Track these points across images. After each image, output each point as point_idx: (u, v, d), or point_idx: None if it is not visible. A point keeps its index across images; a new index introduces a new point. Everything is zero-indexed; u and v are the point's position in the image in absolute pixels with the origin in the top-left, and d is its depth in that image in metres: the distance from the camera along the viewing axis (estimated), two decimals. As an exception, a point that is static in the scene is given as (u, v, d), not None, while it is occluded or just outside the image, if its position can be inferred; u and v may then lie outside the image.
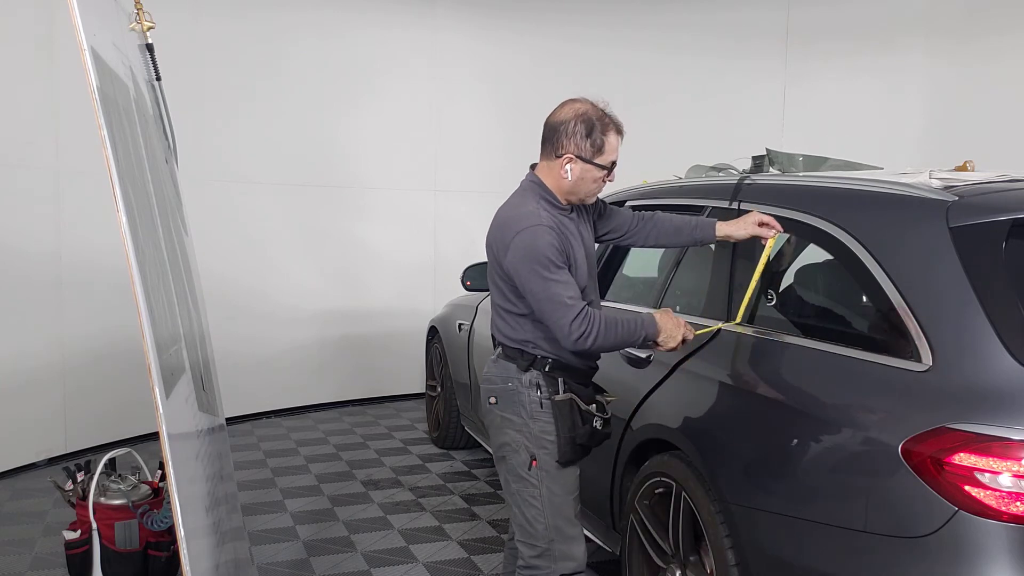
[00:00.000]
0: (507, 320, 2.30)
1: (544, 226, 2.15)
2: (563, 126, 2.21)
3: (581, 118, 2.20)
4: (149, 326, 1.59)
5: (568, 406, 2.23)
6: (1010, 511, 1.61)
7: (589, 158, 2.21)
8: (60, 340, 4.65)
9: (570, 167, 2.21)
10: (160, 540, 2.90)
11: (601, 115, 2.21)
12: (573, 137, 2.20)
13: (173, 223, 2.49)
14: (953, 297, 1.83)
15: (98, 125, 1.56)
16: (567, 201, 2.29)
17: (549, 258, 2.11)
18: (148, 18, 2.42)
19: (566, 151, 2.21)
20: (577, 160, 2.21)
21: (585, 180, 2.24)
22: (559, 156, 2.22)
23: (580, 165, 2.21)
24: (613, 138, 2.22)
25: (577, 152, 2.20)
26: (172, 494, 1.61)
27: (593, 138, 2.19)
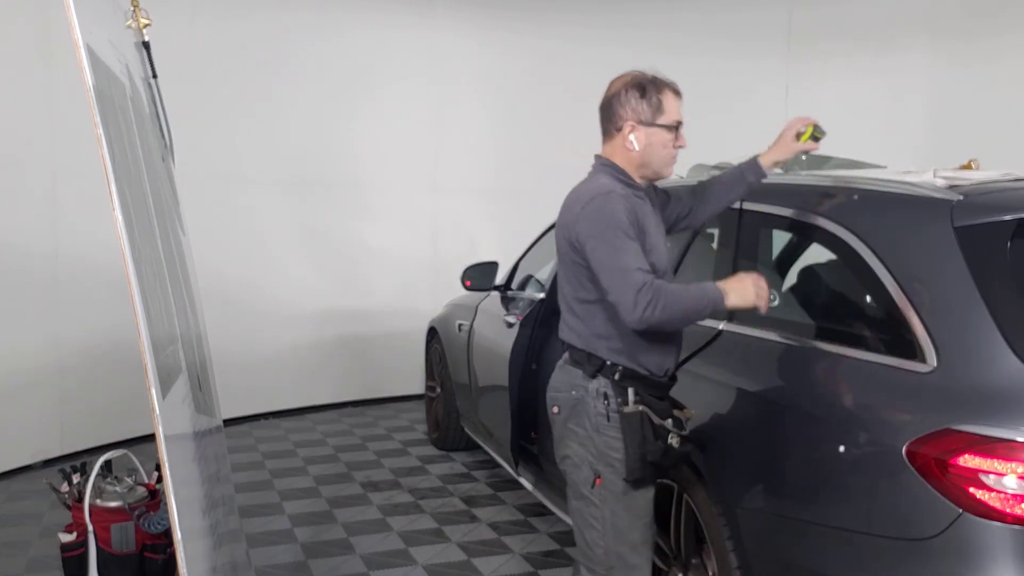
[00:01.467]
0: (576, 312, 2.10)
1: (617, 194, 2.01)
2: (615, 98, 2.09)
3: (631, 84, 2.09)
4: (145, 326, 1.58)
5: (639, 419, 1.99)
6: (1015, 513, 1.59)
7: (650, 120, 2.07)
8: (56, 340, 4.64)
9: (634, 136, 2.07)
10: (157, 542, 2.88)
11: (652, 78, 2.10)
12: (628, 103, 2.07)
13: (170, 222, 2.48)
14: (958, 297, 1.82)
15: (94, 123, 1.55)
16: (642, 178, 2.13)
17: (619, 225, 1.95)
18: (144, 15, 2.41)
19: (625, 120, 2.07)
20: (639, 126, 2.07)
21: (654, 147, 2.08)
22: (620, 129, 2.08)
23: (643, 130, 2.07)
24: (671, 98, 2.10)
25: (636, 117, 2.07)
26: (169, 496, 1.59)
27: (649, 98, 2.06)
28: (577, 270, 2.06)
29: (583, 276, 2.05)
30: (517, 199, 6.45)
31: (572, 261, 2.07)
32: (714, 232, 2.76)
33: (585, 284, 2.05)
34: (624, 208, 1.98)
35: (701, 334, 2.45)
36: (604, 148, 2.15)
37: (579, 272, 2.06)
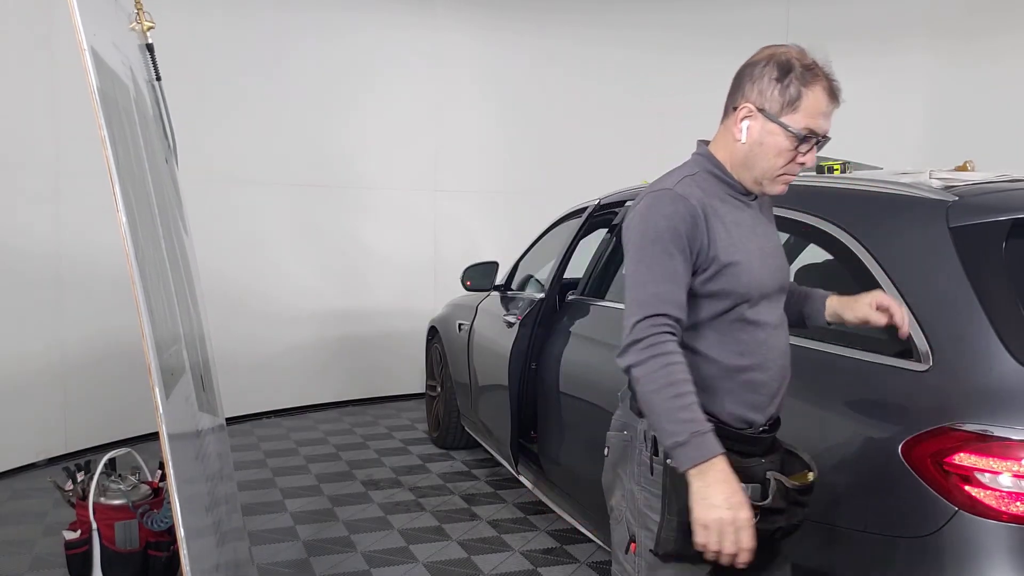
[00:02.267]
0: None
1: (675, 192, 1.55)
2: (749, 69, 1.58)
3: (776, 59, 1.55)
4: (149, 326, 1.59)
5: (686, 480, 1.46)
6: (1010, 511, 1.60)
7: (775, 113, 1.54)
8: (60, 340, 4.65)
9: (746, 124, 1.57)
10: (160, 540, 2.90)
11: (808, 63, 1.55)
12: (759, 81, 1.55)
13: (173, 223, 2.49)
14: (953, 297, 1.83)
15: (98, 125, 1.56)
16: (740, 180, 1.62)
17: (657, 234, 1.51)
18: (148, 18, 2.42)
19: (746, 99, 1.57)
20: (757, 114, 1.56)
21: (765, 148, 1.56)
22: (735, 109, 1.59)
23: (760, 121, 1.55)
24: (819, 96, 1.55)
25: (759, 102, 1.55)
26: (172, 494, 1.61)
27: (786, 85, 1.53)
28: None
29: None
30: (517, 199, 6.47)
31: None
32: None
33: None
34: (675, 212, 1.52)
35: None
36: (718, 129, 1.67)
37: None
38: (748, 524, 1.42)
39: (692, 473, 1.42)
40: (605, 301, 3.29)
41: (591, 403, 2.97)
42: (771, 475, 1.54)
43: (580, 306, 3.39)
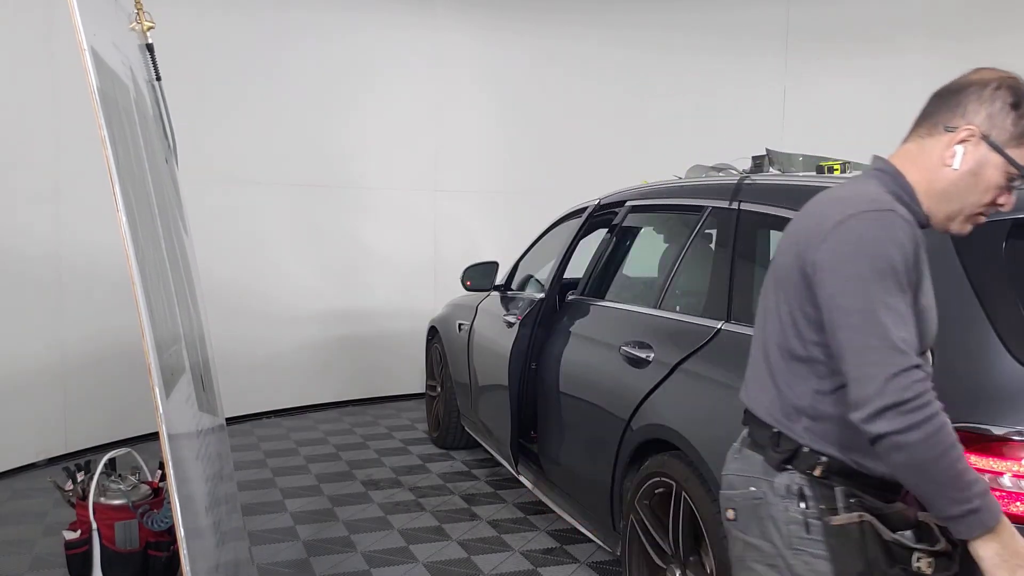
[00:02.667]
0: (775, 369, 1.47)
1: (899, 216, 1.35)
2: (974, 89, 1.42)
3: (1007, 84, 1.40)
4: (149, 326, 1.59)
5: (859, 533, 1.34)
6: (1010, 511, 1.60)
7: (1002, 143, 1.37)
8: (60, 340, 4.65)
9: (962, 148, 1.39)
10: (160, 540, 2.90)
11: None
12: (988, 104, 1.39)
13: (173, 223, 2.49)
14: (953, 297, 1.83)
15: (98, 125, 1.56)
16: (928, 213, 1.45)
17: (893, 265, 1.30)
18: (148, 18, 2.42)
19: (969, 121, 1.40)
20: (981, 141, 1.38)
21: (978, 180, 1.39)
22: (950, 131, 1.41)
23: (983, 150, 1.38)
24: None
25: (987, 127, 1.38)
26: (172, 494, 1.61)
27: (1021, 114, 1.37)
28: (801, 306, 1.41)
29: (806, 319, 1.40)
30: (517, 199, 6.48)
31: (798, 293, 1.41)
32: (712, 232, 2.78)
33: (804, 333, 1.41)
34: (906, 240, 1.33)
35: (700, 333, 2.46)
36: (904, 146, 1.50)
37: (803, 311, 1.41)
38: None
39: (985, 537, 1.26)
40: (605, 301, 3.29)
41: (591, 403, 2.98)
42: (922, 516, 1.40)
43: (580, 306, 3.39)
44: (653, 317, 2.81)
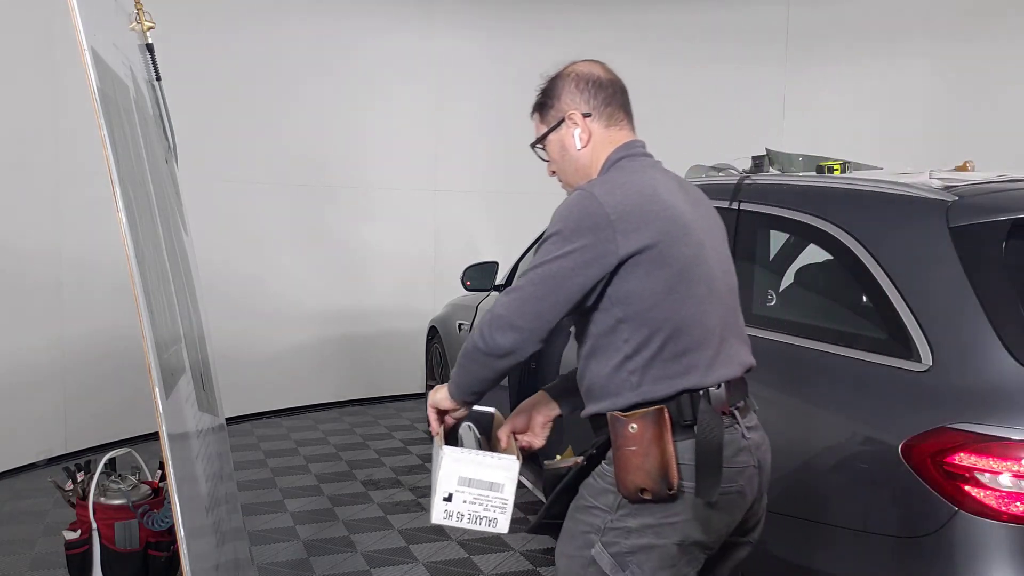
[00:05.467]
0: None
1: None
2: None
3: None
4: (149, 326, 1.59)
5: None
6: (1010, 511, 1.61)
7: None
8: (60, 340, 4.65)
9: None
10: (160, 540, 2.90)
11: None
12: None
13: (173, 223, 2.49)
14: (953, 297, 1.83)
15: (98, 125, 1.56)
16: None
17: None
18: (148, 18, 2.42)
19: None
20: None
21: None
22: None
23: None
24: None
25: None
26: (172, 494, 1.61)
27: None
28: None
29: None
30: (517, 199, 6.47)
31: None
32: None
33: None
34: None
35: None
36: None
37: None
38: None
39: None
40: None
41: (591, 403, 2.97)
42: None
43: (580, 306, 3.39)
44: (653, 317, 2.80)
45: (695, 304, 1.53)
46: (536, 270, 1.54)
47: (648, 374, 1.51)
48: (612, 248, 1.49)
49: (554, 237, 1.55)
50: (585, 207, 1.54)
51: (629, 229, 1.50)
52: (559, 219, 1.58)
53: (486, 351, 1.55)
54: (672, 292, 1.51)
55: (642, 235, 1.50)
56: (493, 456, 1.65)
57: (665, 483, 1.46)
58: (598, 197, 1.54)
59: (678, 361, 1.51)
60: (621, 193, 1.55)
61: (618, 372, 1.54)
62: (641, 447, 1.48)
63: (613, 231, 1.50)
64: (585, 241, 1.50)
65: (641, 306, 1.51)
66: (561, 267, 1.51)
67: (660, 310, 1.51)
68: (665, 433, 1.47)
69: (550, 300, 1.51)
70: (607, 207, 1.51)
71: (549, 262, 1.52)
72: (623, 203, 1.52)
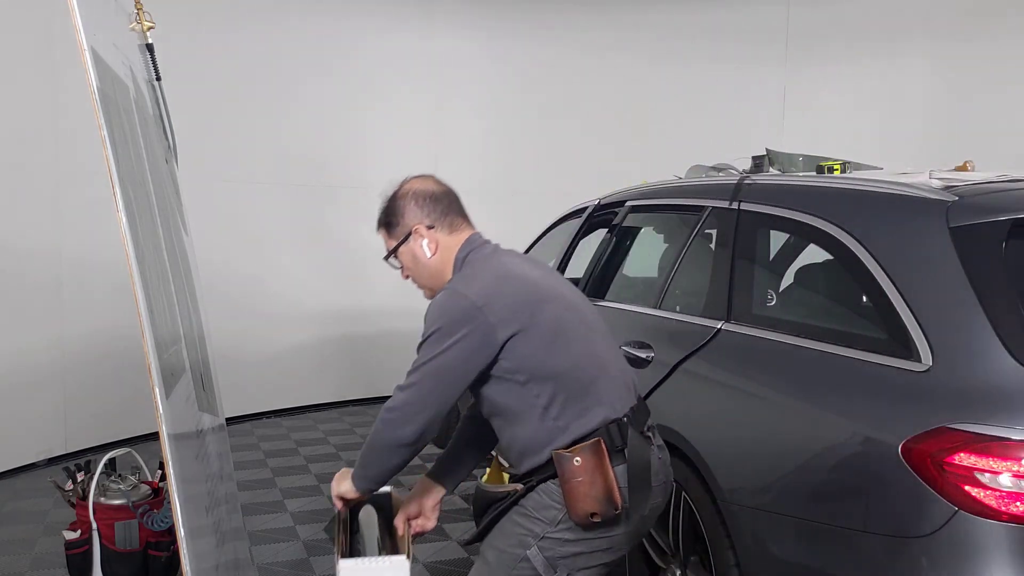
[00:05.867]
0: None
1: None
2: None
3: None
4: (149, 326, 1.59)
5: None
6: (1010, 511, 1.61)
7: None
8: (60, 340, 4.65)
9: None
10: (160, 540, 2.90)
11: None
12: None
13: (173, 223, 2.49)
14: (953, 297, 1.83)
15: (98, 125, 1.56)
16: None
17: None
18: (148, 18, 2.42)
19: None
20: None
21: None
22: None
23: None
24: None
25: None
26: (172, 494, 1.61)
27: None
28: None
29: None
30: (517, 200, 6.47)
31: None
32: (712, 232, 2.78)
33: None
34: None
35: (700, 333, 2.47)
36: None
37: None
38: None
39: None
40: (605, 301, 3.29)
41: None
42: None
43: (580, 306, 3.39)
44: (653, 317, 2.81)
45: (580, 344, 1.77)
46: (425, 367, 1.75)
47: (569, 415, 1.72)
48: (492, 333, 1.70)
49: (435, 335, 1.76)
50: (455, 303, 1.75)
51: (501, 314, 1.71)
52: (435, 319, 1.79)
53: (394, 443, 1.76)
54: (556, 342, 1.73)
55: (513, 319, 1.71)
56: (384, 560, 1.88)
57: (611, 505, 1.66)
58: (462, 291, 1.76)
59: (587, 396, 1.73)
60: (479, 282, 1.77)
61: (543, 424, 1.73)
62: (587, 477, 1.66)
63: (485, 317, 1.70)
64: (464, 331, 1.71)
65: (537, 363, 1.71)
66: (447, 359, 1.72)
67: (554, 360, 1.72)
68: (604, 460, 1.67)
69: (440, 392, 1.74)
70: (472, 297, 1.73)
71: (435, 357, 1.74)
72: (484, 290, 1.74)
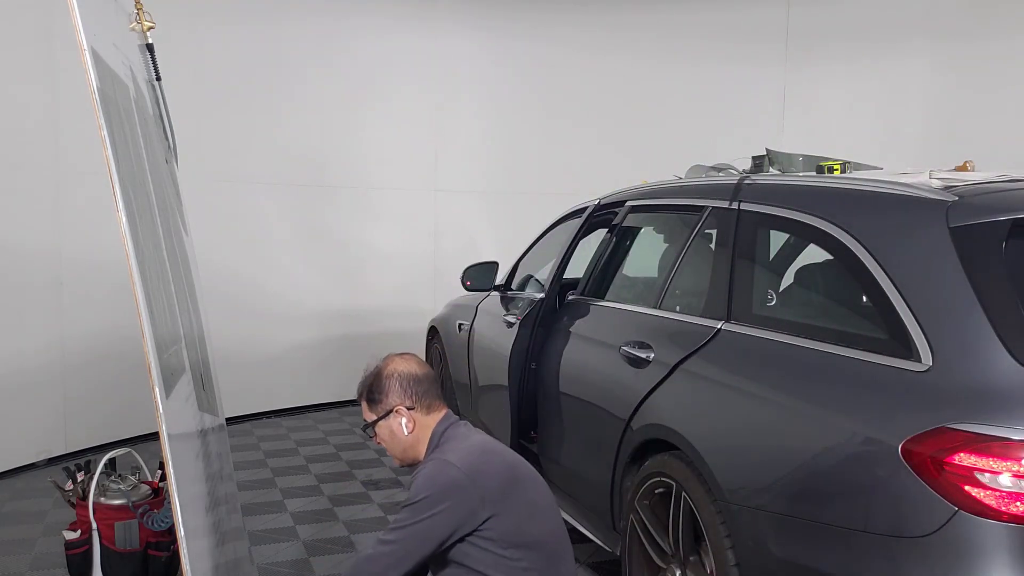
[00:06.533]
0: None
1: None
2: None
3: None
4: (149, 326, 1.59)
5: None
6: (1010, 511, 1.61)
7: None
8: (60, 340, 4.65)
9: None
10: (160, 540, 2.90)
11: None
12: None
13: (173, 223, 2.49)
14: (953, 297, 1.83)
15: (98, 125, 1.56)
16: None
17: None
18: (148, 18, 2.42)
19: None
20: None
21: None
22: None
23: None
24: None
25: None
26: (172, 494, 1.61)
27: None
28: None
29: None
30: (517, 200, 6.48)
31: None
32: (712, 232, 2.78)
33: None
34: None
35: (700, 333, 2.47)
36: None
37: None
38: None
39: None
40: (605, 301, 3.29)
41: (591, 403, 2.98)
42: None
43: (580, 306, 3.39)
44: (653, 317, 2.81)
45: (550, 520, 2.12)
46: (407, 528, 1.95)
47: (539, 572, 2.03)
48: (476, 511, 1.95)
49: (423, 502, 1.95)
50: (445, 474, 1.97)
51: (486, 491, 1.96)
52: (424, 487, 1.97)
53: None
54: (533, 517, 2.05)
55: (498, 498, 1.98)
56: None
57: None
58: (453, 463, 1.98)
59: (560, 567, 2.07)
60: (467, 455, 2.01)
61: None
62: None
63: (472, 492, 1.95)
64: (449, 503, 1.94)
65: (516, 534, 1.99)
66: (430, 526, 1.94)
67: (531, 531, 2.02)
68: None
69: (417, 554, 1.96)
70: (463, 470, 1.96)
71: (419, 522, 1.94)
72: (472, 463, 1.99)
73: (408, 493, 2.01)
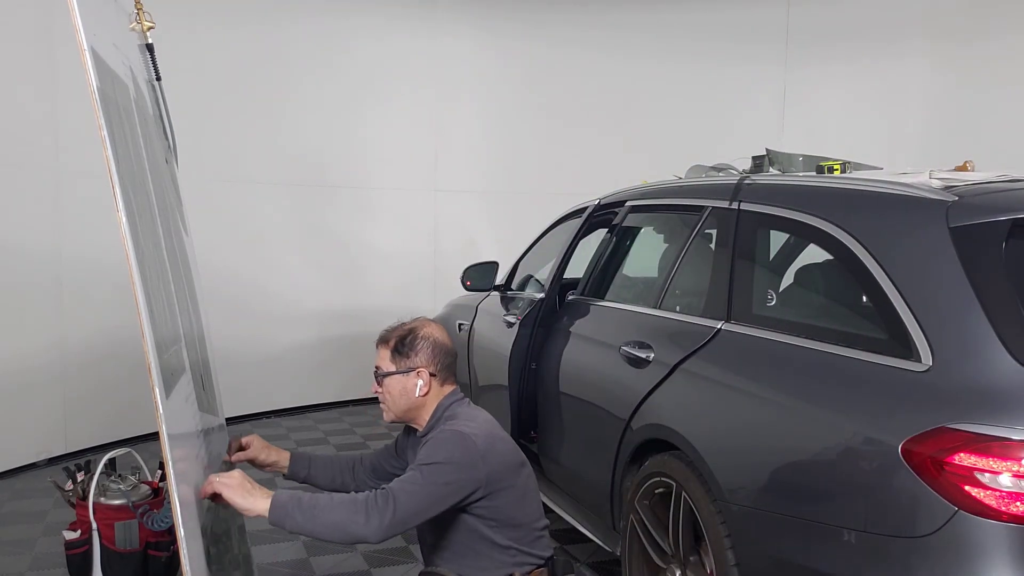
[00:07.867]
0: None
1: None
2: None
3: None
4: (149, 326, 1.59)
5: None
6: (1010, 511, 1.61)
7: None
8: (60, 340, 4.65)
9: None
10: (160, 540, 2.90)
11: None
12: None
13: (173, 223, 2.49)
14: (953, 297, 1.83)
15: (98, 125, 1.56)
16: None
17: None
18: (148, 18, 2.42)
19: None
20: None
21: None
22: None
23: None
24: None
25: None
26: (172, 494, 1.61)
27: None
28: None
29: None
30: (517, 199, 6.48)
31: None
32: (712, 232, 2.78)
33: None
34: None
35: (700, 333, 2.47)
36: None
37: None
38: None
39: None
40: (605, 301, 3.29)
41: (591, 403, 2.98)
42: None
43: (580, 306, 3.39)
44: (653, 317, 2.81)
45: (537, 503, 2.22)
46: (425, 489, 1.97)
47: (522, 556, 2.16)
48: (483, 485, 2.03)
49: (444, 467, 1.99)
50: (466, 446, 2.02)
51: (493, 469, 2.04)
52: (447, 452, 2.02)
53: (351, 521, 1.90)
54: (525, 498, 2.15)
55: (503, 477, 2.07)
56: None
57: None
58: (470, 435, 2.04)
59: (538, 544, 2.21)
60: (484, 433, 2.09)
61: (499, 558, 2.13)
62: None
63: (482, 468, 2.02)
64: (464, 476, 2.01)
65: (509, 514, 2.10)
66: (444, 492, 1.99)
67: (522, 513, 2.13)
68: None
69: (422, 512, 1.97)
70: (478, 442, 2.04)
71: (439, 486, 1.98)
72: (489, 442, 2.07)
73: (423, 455, 2.03)
